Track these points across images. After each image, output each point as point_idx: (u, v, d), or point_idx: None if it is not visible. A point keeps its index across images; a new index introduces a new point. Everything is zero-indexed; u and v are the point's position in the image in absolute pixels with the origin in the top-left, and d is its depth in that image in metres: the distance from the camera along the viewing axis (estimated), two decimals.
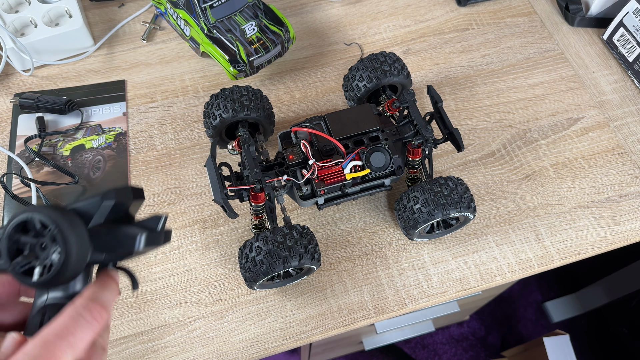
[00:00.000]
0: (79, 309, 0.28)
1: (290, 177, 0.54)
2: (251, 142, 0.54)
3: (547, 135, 0.70)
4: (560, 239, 0.63)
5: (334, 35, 0.78)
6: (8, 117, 0.70)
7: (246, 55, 0.66)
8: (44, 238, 0.30)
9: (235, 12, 0.68)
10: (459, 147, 0.57)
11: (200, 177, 0.66)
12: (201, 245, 0.61)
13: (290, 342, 0.57)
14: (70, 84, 0.73)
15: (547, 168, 0.67)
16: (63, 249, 0.30)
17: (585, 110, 0.72)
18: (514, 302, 1.48)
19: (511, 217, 0.64)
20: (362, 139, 0.57)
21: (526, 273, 0.61)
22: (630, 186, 0.66)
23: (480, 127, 0.70)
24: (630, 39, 0.73)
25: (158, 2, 0.74)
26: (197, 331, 0.57)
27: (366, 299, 0.59)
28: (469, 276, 0.60)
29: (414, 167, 0.60)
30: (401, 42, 0.78)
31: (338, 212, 0.64)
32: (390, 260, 0.61)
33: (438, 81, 0.74)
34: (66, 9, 0.74)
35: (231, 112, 0.58)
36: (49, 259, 0.30)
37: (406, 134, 0.58)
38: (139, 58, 0.75)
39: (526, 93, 0.73)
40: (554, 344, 0.99)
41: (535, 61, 0.76)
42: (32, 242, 0.30)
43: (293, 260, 0.50)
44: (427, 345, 1.44)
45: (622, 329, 1.27)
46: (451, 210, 0.54)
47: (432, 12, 0.81)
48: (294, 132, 0.57)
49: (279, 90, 0.73)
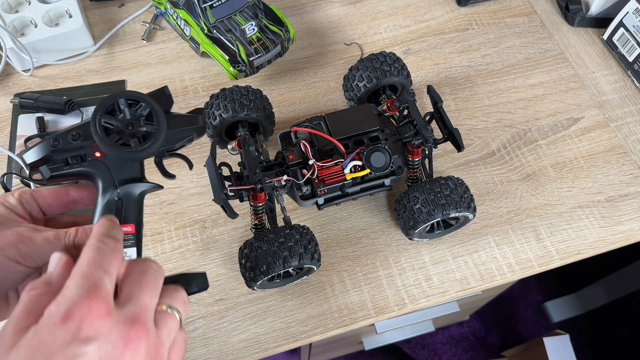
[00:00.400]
0: (97, 244, 0.31)
1: (290, 177, 0.54)
2: (251, 142, 0.54)
3: (547, 135, 0.70)
4: (560, 239, 0.63)
5: (334, 35, 0.78)
6: (8, 117, 0.70)
7: (246, 55, 0.66)
8: (132, 116, 0.37)
9: (235, 12, 0.68)
10: (459, 147, 0.57)
11: (200, 177, 0.66)
12: (201, 245, 0.61)
13: (290, 342, 0.57)
14: (70, 84, 0.73)
15: (547, 168, 0.67)
16: (157, 119, 0.37)
17: (585, 110, 0.72)
18: (514, 302, 1.48)
19: (511, 217, 0.64)
20: (362, 139, 0.57)
21: (526, 273, 0.61)
22: (630, 186, 0.66)
23: (480, 127, 0.70)
24: (630, 39, 0.73)
25: (158, 2, 0.74)
26: (197, 331, 0.57)
27: (366, 299, 0.59)
28: (469, 276, 0.60)
29: (414, 167, 0.60)
30: (401, 42, 0.78)
31: (338, 212, 0.64)
32: (390, 260, 0.61)
33: (438, 81, 0.74)
34: (66, 9, 0.74)
35: (231, 112, 0.58)
36: (139, 132, 0.37)
37: (406, 134, 0.58)
38: (139, 58, 0.75)
39: (526, 93, 0.73)
40: (554, 344, 0.99)
41: (535, 61, 0.76)
42: (121, 121, 0.37)
43: (293, 260, 0.50)
44: (427, 345, 1.44)
45: (622, 329, 1.27)
46: (451, 210, 0.54)
47: (432, 12, 0.81)
48: (294, 132, 0.57)
49: (279, 90, 0.73)
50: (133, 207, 0.39)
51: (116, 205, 0.38)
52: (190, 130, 0.41)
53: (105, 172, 0.38)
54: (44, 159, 0.38)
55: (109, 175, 0.39)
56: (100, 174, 0.38)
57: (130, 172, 0.39)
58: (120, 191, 0.39)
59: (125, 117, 0.37)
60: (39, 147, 0.38)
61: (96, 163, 0.38)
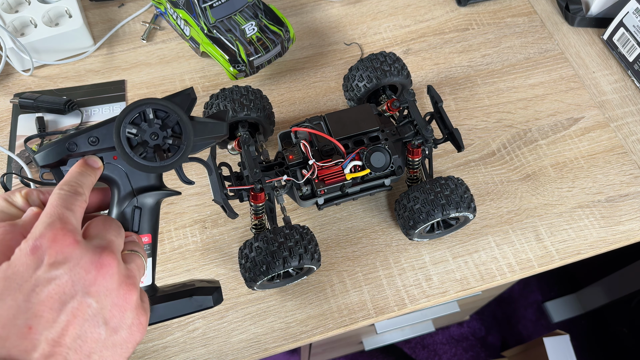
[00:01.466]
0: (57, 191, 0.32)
1: (290, 177, 0.54)
2: (251, 142, 0.54)
3: (547, 135, 0.70)
4: (561, 239, 0.63)
5: (334, 35, 0.78)
6: (8, 117, 0.70)
7: (246, 55, 0.66)
8: (158, 126, 0.35)
9: (235, 12, 0.67)
10: (459, 147, 0.57)
11: (200, 177, 0.66)
12: (201, 245, 0.61)
13: (290, 342, 0.57)
14: (70, 84, 0.73)
15: (547, 168, 0.67)
16: (185, 132, 0.36)
17: (586, 110, 0.72)
18: (514, 302, 1.48)
19: (511, 217, 0.64)
20: (362, 139, 0.57)
21: (526, 273, 0.61)
22: (630, 186, 0.66)
23: (480, 127, 0.70)
24: (631, 39, 0.73)
25: (158, 2, 0.74)
26: (197, 331, 0.57)
27: (366, 299, 0.59)
28: (469, 276, 0.60)
29: (414, 167, 0.60)
30: (401, 42, 0.78)
31: (338, 212, 0.64)
32: (390, 260, 0.61)
33: (438, 81, 0.74)
34: (66, 8, 0.74)
35: (231, 112, 0.58)
36: (165, 145, 0.36)
37: (406, 134, 0.58)
38: (138, 58, 0.75)
39: (526, 93, 0.73)
40: (554, 344, 0.99)
41: (535, 61, 0.76)
42: (146, 130, 0.35)
43: (293, 261, 0.50)
44: (427, 345, 1.44)
45: (622, 329, 1.27)
46: (451, 210, 0.54)
47: (432, 12, 0.81)
48: (294, 132, 0.57)
49: (279, 90, 0.73)
50: (150, 216, 0.38)
51: (132, 215, 0.37)
52: (214, 138, 0.39)
53: (124, 178, 0.37)
54: (59, 162, 0.36)
55: (128, 182, 0.37)
56: (119, 180, 0.37)
57: (149, 180, 0.37)
58: (138, 200, 0.37)
59: (150, 126, 0.35)
60: (53, 150, 0.35)
61: (114, 167, 0.36)
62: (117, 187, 0.37)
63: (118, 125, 0.34)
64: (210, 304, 0.39)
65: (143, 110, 0.35)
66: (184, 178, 0.40)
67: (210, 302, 0.39)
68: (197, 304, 0.38)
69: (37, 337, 0.26)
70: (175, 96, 0.37)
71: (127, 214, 0.37)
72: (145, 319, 0.32)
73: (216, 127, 0.39)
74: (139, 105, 0.35)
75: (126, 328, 0.30)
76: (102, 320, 0.29)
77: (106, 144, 0.35)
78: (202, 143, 0.38)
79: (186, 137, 0.36)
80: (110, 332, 0.29)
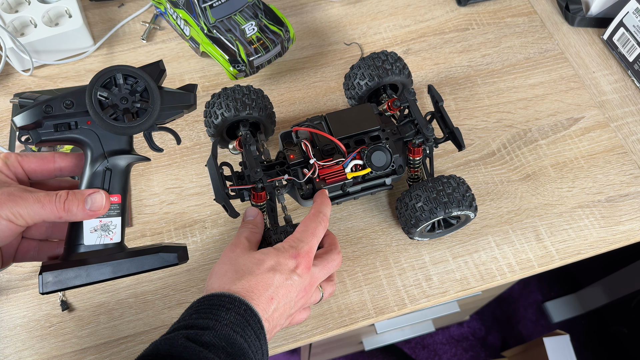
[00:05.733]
0: (315, 217, 0.49)
1: (291, 176, 0.54)
2: (252, 141, 0.54)
3: (547, 135, 0.70)
4: (561, 239, 0.63)
5: (334, 35, 0.78)
6: (8, 117, 0.70)
7: (246, 55, 0.66)
8: (127, 91, 0.39)
9: (235, 12, 0.67)
10: (460, 146, 0.57)
11: (200, 177, 0.66)
12: (201, 245, 0.61)
13: (290, 342, 0.57)
14: (70, 84, 0.73)
15: (547, 168, 0.67)
16: (152, 97, 0.39)
17: (586, 110, 0.72)
18: (514, 302, 1.48)
19: (511, 217, 0.64)
20: (362, 138, 0.57)
21: (526, 273, 0.61)
22: (631, 186, 0.66)
23: (480, 127, 0.70)
24: (631, 38, 0.73)
25: (158, 2, 0.74)
26: None
27: (366, 299, 0.59)
28: (469, 276, 0.60)
29: (415, 167, 0.60)
30: (401, 42, 0.78)
31: (338, 212, 0.64)
32: (390, 260, 0.61)
33: (438, 81, 0.74)
34: (66, 8, 0.74)
35: (233, 111, 0.58)
36: (133, 107, 0.39)
37: (407, 133, 0.58)
38: (138, 58, 0.75)
39: (526, 93, 0.73)
40: (554, 344, 0.99)
41: (535, 61, 0.76)
42: (116, 95, 0.38)
43: (454, 208, 0.54)
44: (427, 345, 1.44)
45: (622, 329, 1.27)
46: (453, 208, 0.54)
47: (432, 12, 0.81)
48: (295, 132, 0.57)
49: (279, 90, 0.73)
50: (120, 178, 0.41)
51: (104, 175, 0.40)
52: (181, 107, 0.42)
53: (96, 141, 0.40)
54: (35, 123, 0.39)
55: (100, 145, 0.40)
56: (91, 143, 0.40)
57: (120, 144, 0.41)
58: (109, 161, 0.40)
59: (120, 91, 0.38)
60: (31, 112, 0.39)
61: (88, 131, 0.40)
62: (90, 150, 0.40)
63: (90, 87, 0.38)
64: (175, 261, 0.43)
65: (114, 75, 0.38)
66: (153, 145, 0.43)
67: (175, 259, 0.43)
68: (163, 260, 0.42)
69: (265, 294, 0.44)
70: (146, 67, 0.40)
71: (98, 174, 0.40)
72: (305, 315, 0.50)
73: (184, 97, 0.42)
74: (110, 71, 0.38)
75: (295, 314, 0.48)
76: (292, 304, 0.46)
77: (80, 108, 0.39)
78: (171, 112, 0.42)
79: (153, 102, 0.39)
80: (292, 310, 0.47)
